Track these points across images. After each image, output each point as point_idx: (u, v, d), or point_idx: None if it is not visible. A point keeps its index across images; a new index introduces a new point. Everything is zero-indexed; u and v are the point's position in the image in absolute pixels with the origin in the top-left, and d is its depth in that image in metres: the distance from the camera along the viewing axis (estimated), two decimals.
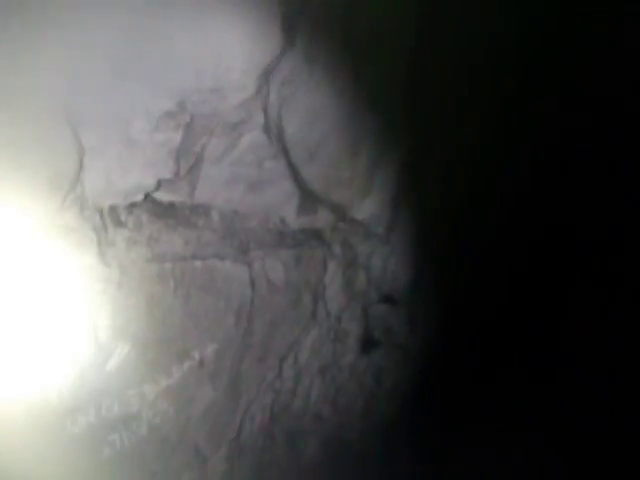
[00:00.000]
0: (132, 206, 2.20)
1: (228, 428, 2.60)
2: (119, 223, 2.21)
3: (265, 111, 2.28)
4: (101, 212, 2.17)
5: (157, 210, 2.25)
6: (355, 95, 2.43)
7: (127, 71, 2.01)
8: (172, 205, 2.26)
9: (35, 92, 2.00)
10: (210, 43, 2.08)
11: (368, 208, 2.74)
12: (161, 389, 2.41)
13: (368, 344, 2.86)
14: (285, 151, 2.38)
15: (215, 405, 2.55)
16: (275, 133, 2.33)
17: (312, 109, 2.38)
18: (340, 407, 2.80)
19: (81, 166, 2.08)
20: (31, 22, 1.82)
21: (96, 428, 2.29)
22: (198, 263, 2.36)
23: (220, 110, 2.18)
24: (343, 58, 2.32)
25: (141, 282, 2.30)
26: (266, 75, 2.20)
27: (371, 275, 2.79)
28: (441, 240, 2.88)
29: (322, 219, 2.61)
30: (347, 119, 2.49)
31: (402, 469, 2.85)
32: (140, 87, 2.05)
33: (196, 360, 2.46)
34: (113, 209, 2.18)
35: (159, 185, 2.19)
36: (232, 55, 2.13)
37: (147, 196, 2.20)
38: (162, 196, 2.22)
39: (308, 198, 2.53)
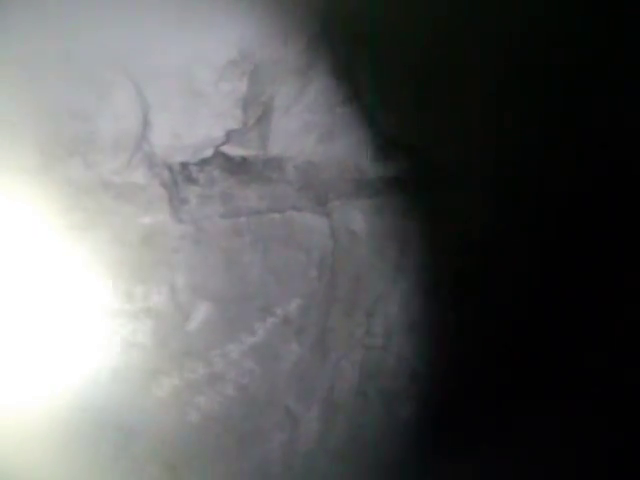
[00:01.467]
0: (203, 163, 2.22)
1: (318, 387, 2.59)
2: (191, 180, 2.23)
3: (333, 52, 2.21)
4: (171, 169, 2.20)
5: (229, 166, 2.25)
6: None
7: (187, 21, 2.05)
8: (244, 160, 2.26)
9: (94, 51, 2.06)
10: None
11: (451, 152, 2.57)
12: (245, 348, 2.42)
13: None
14: (358, 95, 2.31)
15: (303, 362, 2.56)
16: (345, 75, 2.27)
17: None
18: (436, 365, 2.62)
19: (146, 122, 2.12)
20: None
21: (181, 391, 2.34)
22: (275, 216, 2.36)
23: (285, 55, 2.16)
24: None
25: (217, 238, 2.32)
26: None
27: (457, 224, 2.57)
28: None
29: (402, 165, 2.51)
30: None
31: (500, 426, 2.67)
32: (201, 36, 2.08)
33: (280, 316, 2.46)
34: (184, 166, 2.21)
35: (228, 138, 2.20)
36: None
37: (217, 151, 2.22)
38: (233, 151, 2.23)
39: (385, 144, 2.44)
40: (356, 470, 2.58)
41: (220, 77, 2.11)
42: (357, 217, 2.49)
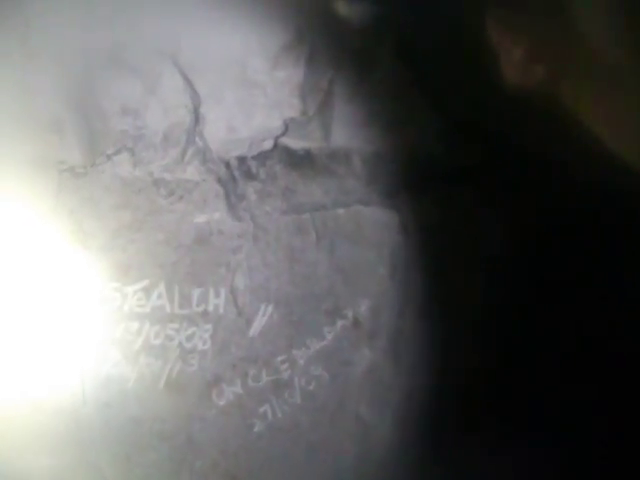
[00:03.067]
0: (263, 156, 2.09)
1: (392, 393, 2.40)
2: (249, 175, 2.09)
3: (397, 33, 2.03)
4: (227, 164, 2.07)
5: (291, 159, 2.11)
6: None
7: (237, 7, 1.95)
8: (307, 153, 2.11)
9: (142, 43, 1.98)
10: None
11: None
12: (312, 353, 2.27)
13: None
14: (424, 78, 2.13)
15: (375, 368, 2.37)
16: (411, 58, 2.10)
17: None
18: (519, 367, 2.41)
19: (198, 116, 2.01)
20: None
21: (244, 400, 2.21)
22: (341, 211, 2.19)
23: (344, 37, 2.02)
24: None
25: (278, 236, 2.18)
26: None
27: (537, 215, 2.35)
28: None
29: (477, 153, 2.28)
30: None
31: None
32: (252, 22, 1.98)
33: (349, 319, 2.29)
34: (241, 160, 2.08)
35: (287, 128, 2.07)
36: None
37: (278, 144, 2.09)
38: (294, 143, 2.09)
39: (458, 130, 2.24)
40: None
41: (275, 64, 1.97)
42: (429, 210, 2.30)
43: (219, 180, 2.05)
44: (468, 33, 2.04)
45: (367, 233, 2.23)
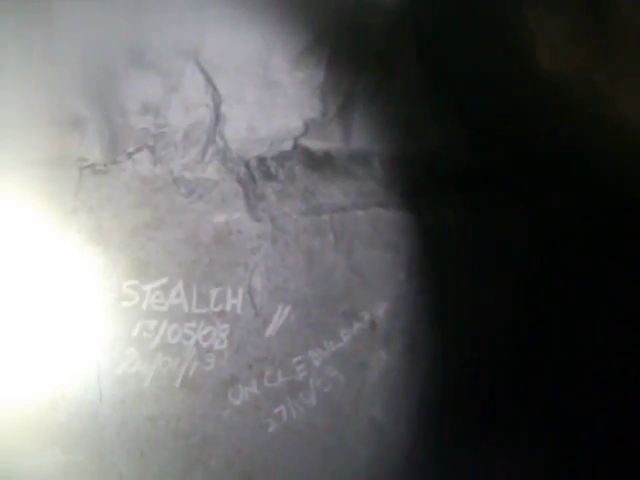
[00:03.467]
0: (282, 157, 2.08)
1: (408, 397, 2.40)
2: (269, 175, 2.09)
3: (419, 35, 2.04)
4: (247, 164, 2.07)
5: (310, 161, 2.11)
6: None
7: (259, 7, 1.95)
8: (327, 154, 2.10)
9: (165, 40, 1.97)
10: None
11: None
12: (329, 354, 2.26)
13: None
14: (446, 82, 2.13)
15: (391, 371, 2.37)
16: (432, 60, 2.09)
17: None
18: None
19: (219, 115, 2.01)
20: None
21: (259, 400, 2.21)
22: (360, 213, 2.18)
23: (366, 38, 2.01)
24: None
25: (297, 237, 2.18)
26: None
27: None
28: None
29: (495, 157, 2.27)
30: None
31: None
32: (274, 22, 1.97)
33: (366, 321, 2.29)
34: (260, 160, 2.07)
35: (307, 129, 2.06)
36: None
37: (297, 145, 2.08)
38: (314, 144, 2.09)
39: (480, 134, 2.23)
40: None
41: (296, 65, 1.97)
42: (449, 213, 2.29)
43: (239, 180, 2.05)
44: (494, 33, 2.02)
45: (386, 236, 2.22)
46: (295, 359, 2.21)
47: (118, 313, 2.02)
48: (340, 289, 2.22)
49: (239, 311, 2.13)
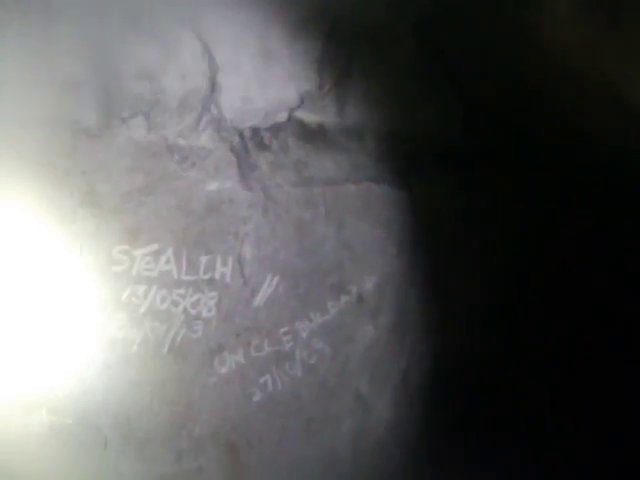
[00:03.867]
0: (276, 128, 2.09)
1: (392, 372, 2.45)
2: (262, 146, 2.10)
3: (419, 9, 2.04)
4: (241, 134, 2.07)
5: (304, 133, 2.11)
6: None
7: None
8: (321, 127, 2.11)
9: (162, 6, 1.96)
10: None
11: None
12: (315, 326, 2.28)
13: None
14: (444, 59, 2.14)
15: (377, 345, 2.40)
16: (430, 38, 2.11)
17: None
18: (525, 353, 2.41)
19: (214, 84, 2.01)
20: None
21: (245, 369, 2.23)
22: (352, 187, 2.19)
23: (366, 11, 2.00)
24: None
25: (288, 208, 2.19)
26: None
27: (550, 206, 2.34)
28: None
29: (493, 137, 2.31)
30: None
31: None
32: None
33: (354, 295, 2.31)
34: (254, 131, 2.07)
35: (302, 101, 2.07)
36: None
37: (292, 117, 2.08)
38: (308, 117, 2.09)
39: (475, 113, 2.25)
40: (429, 460, 2.40)
41: (294, 36, 1.97)
42: (441, 191, 2.30)
43: (232, 149, 2.06)
44: (495, 3, 2.00)
45: (377, 211, 2.24)
46: (282, 330, 2.23)
47: (108, 277, 2.03)
48: (329, 262, 2.24)
49: (228, 280, 2.14)
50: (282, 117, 2.07)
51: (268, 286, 2.18)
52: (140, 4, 1.93)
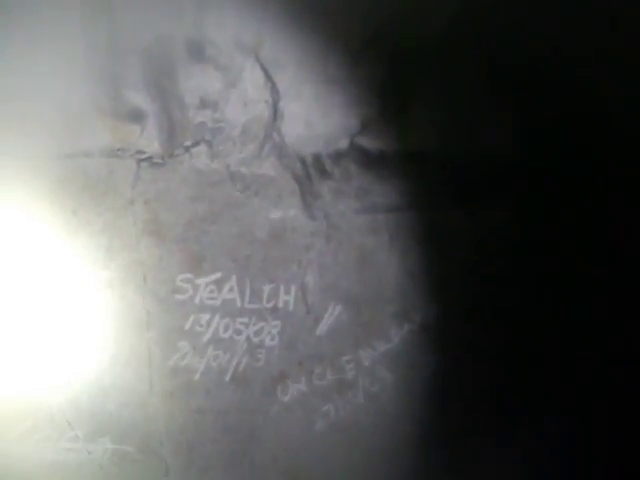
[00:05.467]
0: (338, 155, 2.06)
1: (456, 402, 2.26)
2: (324, 173, 2.07)
3: (479, 30, 1.99)
4: (303, 160, 2.05)
5: (366, 160, 2.08)
6: None
7: (319, 4, 1.92)
8: (382, 154, 2.07)
9: (225, 35, 1.96)
10: None
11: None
12: (378, 354, 2.24)
13: None
14: (511, 82, 2.07)
15: (440, 374, 2.32)
16: (496, 58, 2.05)
17: None
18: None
19: (277, 110, 1.99)
20: None
21: (308, 397, 2.21)
22: (414, 214, 2.15)
23: (427, 33, 1.97)
24: None
25: (350, 235, 2.15)
26: None
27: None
28: None
29: (555, 161, 2.22)
30: None
31: None
32: (334, 18, 1.93)
33: (417, 323, 2.25)
34: (316, 158, 2.06)
35: (363, 127, 2.03)
36: None
37: (353, 143, 2.05)
38: (370, 143, 2.06)
39: (544, 136, 2.17)
40: None
41: (356, 60, 1.93)
42: (505, 216, 2.24)
43: (295, 177, 2.04)
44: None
45: (440, 238, 2.19)
46: (345, 358, 2.20)
47: (171, 306, 2.04)
48: (392, 289, 2.19)
49: (291, 308, 2.12)
50: (344, 143, 2.04)
51: (331, 314, 2.15)
52: (203, 34, 1.93)
